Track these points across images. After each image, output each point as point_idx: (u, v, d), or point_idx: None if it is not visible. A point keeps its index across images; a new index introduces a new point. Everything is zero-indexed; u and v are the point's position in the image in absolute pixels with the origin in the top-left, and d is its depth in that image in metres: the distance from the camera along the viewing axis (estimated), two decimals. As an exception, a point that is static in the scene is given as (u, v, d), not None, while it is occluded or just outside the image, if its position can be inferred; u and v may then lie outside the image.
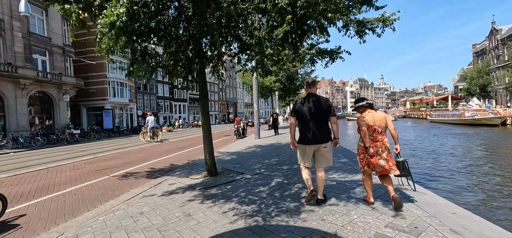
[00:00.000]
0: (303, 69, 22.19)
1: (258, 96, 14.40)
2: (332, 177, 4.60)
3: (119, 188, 5.12)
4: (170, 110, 45.15)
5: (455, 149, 12.56)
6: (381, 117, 3.05)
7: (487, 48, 56.04)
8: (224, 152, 9.10)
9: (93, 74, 30.33)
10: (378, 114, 3.08)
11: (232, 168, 5.96)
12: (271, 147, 9.79)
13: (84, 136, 20.61)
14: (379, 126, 3.01)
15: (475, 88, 46.62)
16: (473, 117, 26.44)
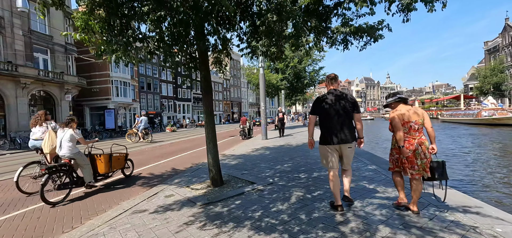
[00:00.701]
0: (311, 66, 21.29)
1: (265, 93, 13.53)
2: (365, 191, 3.72)
3: (107, 200, 4.33)
4: (174, 110, 44.61)
5: (485, 152, 11.50)
6: (418, 113, 2.81)
7: (500, 45, 54.16)
8: (230, 155, 8.27)
9: (96, 73, 29.90)
10: (414, 110, 2.82)
11: (239, 175, 5.12)
12: (281, 149, 8.92)
13: (85, 136, 20.03)
14: (416, 123, 2.77)
15: (488, 86, 44.94)
16: (491, 116, 25.09)
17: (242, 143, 12.20)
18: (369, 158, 6.36)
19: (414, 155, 2.73)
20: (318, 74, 20.95)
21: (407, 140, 2.77)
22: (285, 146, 9.75)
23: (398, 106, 2.88)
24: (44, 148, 5.07)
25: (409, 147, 2.74)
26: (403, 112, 2.79)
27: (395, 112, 2.84)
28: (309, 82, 21.32)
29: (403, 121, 2.79)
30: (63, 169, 4.32)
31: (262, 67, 13.34)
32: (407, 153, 2.74)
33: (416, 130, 2.77)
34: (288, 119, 29.30)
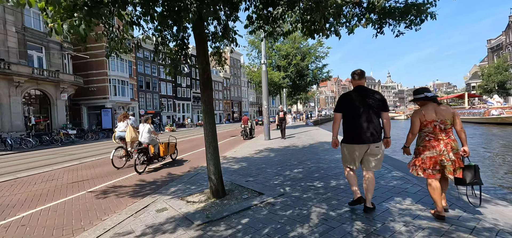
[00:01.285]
0: (314, 64, 20.59)
1: (267, 91, 12.86)
2: (393, 210, 3.06)
3: (86, 216, 3.67)
4: (174, 109, 43.93)
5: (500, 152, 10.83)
6: (446, 112, 2.61)
7: (503, 43, 53.50)
8: (231, 158, 7.60)
9: (93, 72, 29.22)
10: (441, 109, 2.63)
11: (244, 183, 4.46)
12: (287, 151, 8.25)
13: (81, 136, 19.37)
14: (442, 123, 2.59)
15: (492, 85, 44.27)
16: (499, 115, 24.42)
17: (244, 144, 11.54)
18: (394, 164, 5.68)
19: (439, 156, 2.55)
20: (321, 71, 20.25)
21: (431, 140, 2.60)
22: (291, 147, 9.08)
23: (425, 104, 2.70)
24: (126, 137, 7.20)
25: (434, 147, 2.56)
26: (427, 111, 2.62)
27: (417, 112, 2.70)
28: (312, 80, 20.63)
29: (425, 120, 2.62)
30: (144, 150, 6.51)
31: (265, 63, 12.66)
32: (408, 153, 2.75)
33: (443, 130, 2.57)
34: (290, 119, 28.51)
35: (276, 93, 22.05)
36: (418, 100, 2.77)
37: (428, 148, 2.60)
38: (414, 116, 2.70)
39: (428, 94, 2.71)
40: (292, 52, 18.79)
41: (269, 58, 19.62)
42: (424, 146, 2.65)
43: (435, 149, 2.56)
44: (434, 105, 2.66)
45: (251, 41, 19.75)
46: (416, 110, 2.75)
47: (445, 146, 2.53)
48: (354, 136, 2.77)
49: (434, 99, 2.69)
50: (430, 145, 2.59)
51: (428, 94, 2.72)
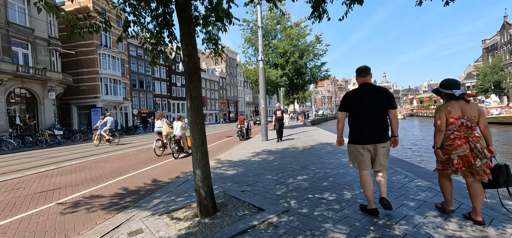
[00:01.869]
0: (312, 62, 19.94)
1: (265, 89, 12.16)
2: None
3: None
4: (168, 109, 42.97)
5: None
6: (472, 108, 2.42)
7: (498, 43, 53.75)
8: (226, 161, 6.88)
9: (83, 70, 28.17)
10: (468, 105, 2.43)
11: (240, 195, 3.74)
12: (286, 153, 7.56)
13: (68, 137, 18.40)
14: (468, 120, 2.40)
15: (489, 84, 44.32)
16: (499, 115, 24.16)
17: (240, 145, 10.81)
18: (407, 168, 5.03)
19: (471, 154, 2.36)
20: (320, 70, 19.56)
21: (457, 138, 2.43)
22: (291, 149, 8.39)
23: (450, 100, 2.50)
24: (163, 132, 9.13)
25: (461, 145, 2.39)
26: (452, 107, 2.45)
27: (441, 108, 2.51)
28: (310, 78, 19.95)
29: (452, 117, 2.44)
30: (177, 142, 8.37)
31: (262, 60, 11.96)
32: (441, 158, 2.50)
33: (469, 127, 2.42)
34: (288, 119, 27.85)
35: (274, 92, 21.34)
36: (444, 96, 2.53)
37: (455, 146, 2.41)
38: (440, 112, 2.49)
39: (456, 92, 2.45)
40: (289, 49, 18.09)
41: (266, 56, 18.92)
42: (450, 145, 2.45)
43: (463, 147, 2.38)
44: (460, 102, 2.47)
45: (248, 38, 19.03)
46: (440, 106, 2.55)
47: (475, 141, 2.36)
48: (361, 135, 2.65)
49: (462, 97, 2.47)
50: (456, 144, 2.40)
51: (456, 92, 2.45)
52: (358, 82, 2.77)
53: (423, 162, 9.39)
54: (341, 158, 6.19)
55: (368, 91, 2.65)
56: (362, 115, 2.63)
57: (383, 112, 2.62)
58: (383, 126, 2.63)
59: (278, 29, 19.66)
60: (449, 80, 2.55)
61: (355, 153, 2.72)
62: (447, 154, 2.48)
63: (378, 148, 2.61)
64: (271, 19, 19.16)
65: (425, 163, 9.19)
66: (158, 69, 40.64)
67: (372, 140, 2.61)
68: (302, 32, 18.69)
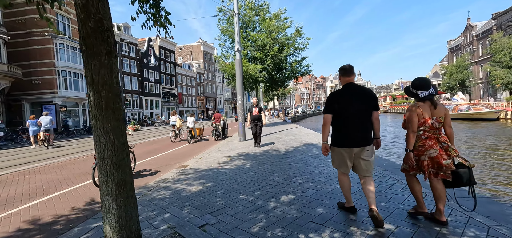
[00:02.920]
0: (293, 56, 19.02)
1: (242, 83, 10.90)
2: None
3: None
4: (140, 106, 39.98)
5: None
6: (440, 109, 2.44)
7: (462, 44, 57.42)
8: (191, 171, 5.54)
9: (37, 62, 24.75)
10: (435, 107, 2.42)
11: (198, 234, 2.47)
12: (267, 158, 6.39)
13: (12, 139, 15.65)
14: (437, 120, 2.41)
15: (454, 82, 47.02)
16: (467, 111, 25.20)
17: (214, 147, 9.47)
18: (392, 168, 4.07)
19: (441, 155, 2.33)
20: (300, 65, 18.70)
21: (428, 138, 2.40)
22: (271, 152, 7.25)
23: (421, 102, 2.43)
24: (176, 124, 12.66)
25: (433, 146, 2.36)
26: (424, 107, 2.41)
27: (414, 108, 2.42)
28: (290, 73, 19.03)
29: (424, 118, 2.40)
30: (190, 131, 11.80)
31: (239, 51, 10.67)
32: (412, 163, 2.42)
33: (437, 128, 2.41)
34: (267, 117, 26.80)
35: (252, 88, 20.15)
36: (415, 96, 2.48)
37: (427, 147, 2.39)
38: (412, 113, 2.43)
39: (428, 93, 2.42)
40: (269, 42, 16.95)
41: (244, 49, 17.62)
42: (422, 146, 2.42)
43: (435, 148, 2.36)
44: (427, 102, 2.44)
45: (224, 29, 17.58)
46: (412, 106, 2.47)
47: (447, 143, 2.37)
48: (345, 138, 2.56)
49: (430, 99, 2.44)
50: (428, 144, 2.39)
51: (425, 93, 2.41)
52: (342, 82, 2.64)
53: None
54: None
55: (353, 92, 2.54)
56: (347, 117, 2.52)
57: (368, 113, 2.54)
58: (368, 128, 2.55)
59: (256, 20, 18.43)
60: (421, 79, 2.45)
61: (337, 156, 2.64)
62: (417, 155, 2.44)
63: (363, 151, 2.52)
64: (249, 9, 17.87)
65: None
66: (128, 63, 37.49)
67: (357, 143, 2.52)
68: (282, 24, 17.65)
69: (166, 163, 7.21)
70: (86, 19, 1.60)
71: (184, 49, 62.87)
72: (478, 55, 50.28)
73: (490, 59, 41.69)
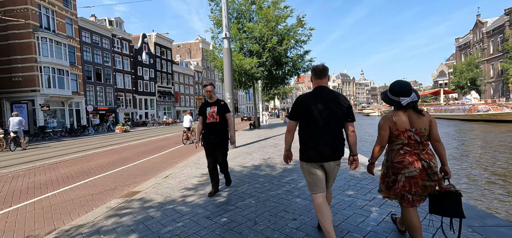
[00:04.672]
0: (294, 50, 16.98)
1: (231, 77, 8.87)
2: None
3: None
4: (134, 106, 38.11)
5: None
6: (422, 120, 1.99)
7: (471, 41, 55.13)
8: (137, 204, 3.57)
9: (17, 57, 22.88)
10: (417, 116, 2.00)
11: None
12: (254, 182, 4.40)
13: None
14: (417, 133, 1.98)
15: (464, 81, 44.80)
16: (486, 112, 23.04)
17: (194, 157, 7.47)
18: None
19: (420, 176, 1.95)
20: (303, 59, 16.65)
21: (407, 154, 1.98)
22: (263, 170, 5.25)
23: (396, 111, 2.05)
24: (190, 126, 12.01)
25: (413, 163, 1.95)
26: (398, 117, 2.01)
27: (386, 118, 2.06)
28: (291, 69, 17.00)
29: (397, 130, 2.01)
30: (192, 132, 11.86)
31: (227, 38, 8.66)
32: (372, 172, 2.22)
33: (419, 142, 1.98)
34: (266, 117, 24.58)
35: (250, 86, 18.15)
36: (390, 103, 2.08)
37: (405, 164, 1.97)
38: (383, 123, 2.06)
39: (402, 101, 1.99)
40: (267, 33, 14.92)
41: (239, 41, 15.62)
42: (399, 162, 2.00)
43: (414, 166, 1.95)
44: (408, 111, 2.02)
45: (217, 20, 15.58)
46: (385, 116, 2.10)
47: (428, 161, 1.95)
48: (316, 151, 2.14)
49: (414, 106, 2.01)
50: (407, 161, 1.96)
51: (403, 100, 1.99)
52: (313, 84, 2.30)
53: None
54: (359, 199, 3.12)
55: (325, 97, 2.16)
56: (314, 126, 2.14)
57: (338, 123, 2.15)
58: (338, 141, 2.16)
59: (253, 10, 16.41)
60: (401, 83, 2.05)
61: (309, 172, 2.21)
62: (395, 173, 2.05)
63: (332, 166, 2.18)
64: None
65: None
66: (120, 59, 35.61)
67: (327, 157, 2.13)
68: (282, 14, 15.62)
69: (118, 183, 5.23)
70: None
71: (182, 47, 61.01)
72: (489, 52, 48.02)
73: (502, 57, 39.50)
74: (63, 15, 26.24)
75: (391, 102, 2.07)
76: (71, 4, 27.77)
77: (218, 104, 3.77)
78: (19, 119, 12.64)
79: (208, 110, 3.73)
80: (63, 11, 26.25)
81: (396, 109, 2.06)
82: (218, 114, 3.69)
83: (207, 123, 3.71)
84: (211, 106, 3.75)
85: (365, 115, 53.39)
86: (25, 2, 22.63)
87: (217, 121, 3.68)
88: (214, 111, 3.70)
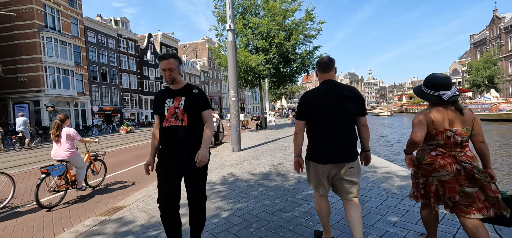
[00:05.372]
0: (303, 46, 16.06)
1: (236, 73, 8.06)
2: None
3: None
4: (140, 106, 37.87)
5: None
6: (464, 118, 1.71)
7: (487, 38, 52.80)
8: (110, 229, 2.77)
9: (22, 58, 22.77)
10: (458, 114, 1.72)
11: None
12: (267, 194, 3.58)
13: None
14: (458, 133, 1.70)
15: (481, 79, 42.72)
16: (510, 112, 21.50)
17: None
18: None
19: (455, 179, 1.69)
20: (312, 55, 15.72)
21: (440, 156, 1.73)
22: (273, 180, 4.41)
23: (437, 104, 1.78)
24: None
25: (445, 166, 1.70)
26: (437, 115, 1.75)
27: (423, 114, 1.79)
28: (300, 66, 16.06)
29: (435, 129, 1.74)
30: None
31: (231, 30, 7.86)
32: (412, 165, 1.88)
33: (458, 143, 1.71)
34: (272, 118, 23.65)
35: (256, 84, 17.34)
36: (427, 98, 1.83)
37: (437, 167, 1.73)
38: (420, 118, 1.77)
39: (443, 95, 1.72)
40: (273, 28, 14.07)
41: (244, 37, 14.82)
42: (429, 164, 1.77)
43: (448, 169, 1.70)
44: (449, 107, 1.75)
45: (221, 16, 14.81)
46: (422, 111, 1.80)
47: (465, 163, 1.67)
48: (322, 151, 1.91)
49: (454, 102, 1.74)
50: (439, 164, 1.72)
51: (444, 94, 1.71)
52: (319, 79, 2.05)
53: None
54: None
55: (334, 92, 1.91)
56: (324, 124, 1.90)
57: (351, 120, 1.91)
58: (352, 138, 1.92)
59: (259, 4, 15.59)
60: (435, 76, 1.79)
61: (313, 173, 2.00)
62: (425, 175, 1.84)
63: (345, 169, 1.92)
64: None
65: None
66: (126, 59, 35.40)
67: (338, 158, 1.89)
68: (289, 7, 14.73)
69: (104, 194, 4.49)
70: None
71: (188, 47, 60.77)
72: (507, 49, 45.77)
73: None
74: (68, 15, 26.06)
75: (428, 97, 1.82)
76: (77, 3, 27.60)
77: (188, 93, 2.08)
78: (24, 119, 12.74)
79: (168, 104, 2.06)
80: (68, 10, 26.08)
81: (433, 105, 1.81)
82: (186, 112, 2.01)
83: (165, 128, 2.00)
84: (174, 97, 2.07)
85: (375, 115, 51.85)
86: (30, 2, 22.47)
87: (184, 126, 1.98)
88: (178, 105, 2.03)
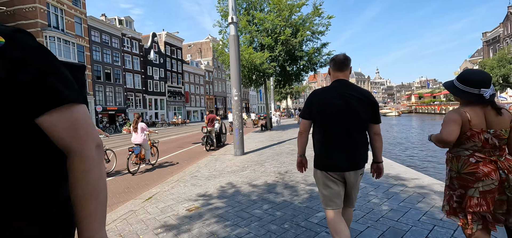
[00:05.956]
0: (310, 43, 15.33)
1: (238, 70, 7.40)
2: None
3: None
4: (144, 106, 37.63)
5: None
6: (502, 119, 1.50)
7: (501, 35, 50.90)
8: None
9: (25, 57, 22.59)
10: (495, 114, 1.51)
11: None
12: (271, 212, 2.93)
13: None
14: (496, 135, 1.49)
15: (496, 78, 41.08)
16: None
17: (193, 167, 6.08)
18: None
19: (497, 188, 1.45)
20: (320, 53, 14.99)
21: (481, 162, 1.48)
22: (281, 189, 3.77)
23: (471, 103, 1.55)
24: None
25: (490, 174, 1.44)
26: (473, 114, 1.52)
27: (457, 112, 1.55)
28: (307, 64, 15.32)
29: (471, 130, 1.50)
30: None
31: (234, 23, 7.22)
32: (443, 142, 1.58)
33: (497, 146, 1.49)
34: (276, 118, 22.89)
35: (261, 83, 16.68)
36: (464, 95, 1.57)
37: (480, 176, 1.46)
38: (455, 117, 1.53)
39: (485, 93, 1.49)
40: (279, 24, 13.39)
41: (249, 34, 14.19)
42: (471, 174, 1.49)
43: (492, 177, 1.44)
44: (486, 107, 1.53)
45: (224, 12, 14.20)
46: (456, 109, 1.58)
47: (505, 168, 1.45)
48: (328, 158, 1.74)
49: (492, 101, 1.53)
50: (482, 172, 1.46)
51: (485, 92, 1.49)
52: (332, 77, 1.85)
53: None
54: None
55: (345, 93, 1.71)
56: (333, 128, 1.71)
57: (361, 125, 1.72)
58: (363, 145, 1.73)
59: (264, 0, 14.92)
60: (475, 72, 1.55)
61: (323, 183, 1.78)
62: (464, 187, 1.53)
63: (354, 177, 1.73)
64: (256, -13, 14.43)
65: None
66: (130, 59, 35.20)
67: (348, 165, 1.70)
68: (296, 2, 14.03)
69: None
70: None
71: (193, 46, 60.54)
72: (523, 46, 43.97)
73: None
74: (72, 14, 25.90)
75: (465, 94, 1.56)
76: (80, 3, 27.43)
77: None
78: None
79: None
80: (72, 9, 25.91)
81: (468, 103, 1.56)
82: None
83: None
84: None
85: (383, 115, 50.70)
86: (33, 1, 22.33)
87: None
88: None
